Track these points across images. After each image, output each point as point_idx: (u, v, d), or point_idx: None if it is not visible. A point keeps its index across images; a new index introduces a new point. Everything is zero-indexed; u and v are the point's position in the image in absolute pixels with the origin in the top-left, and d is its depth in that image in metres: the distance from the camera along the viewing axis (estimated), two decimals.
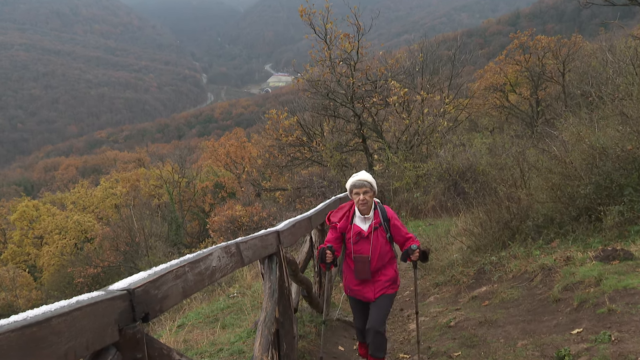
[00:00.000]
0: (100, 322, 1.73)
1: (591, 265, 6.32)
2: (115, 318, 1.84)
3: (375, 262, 4.67)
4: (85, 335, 1.63)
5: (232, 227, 22.64)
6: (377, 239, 4.66)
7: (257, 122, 37.00)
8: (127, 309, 1.91)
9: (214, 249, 3.06)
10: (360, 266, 4.67)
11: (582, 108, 12.85)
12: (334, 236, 4.78)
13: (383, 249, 4.69)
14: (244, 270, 11.82)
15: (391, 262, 4.79)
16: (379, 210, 4.76)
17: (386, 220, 4.73)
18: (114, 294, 1.87)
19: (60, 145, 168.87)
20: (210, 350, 6.11)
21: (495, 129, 28.37)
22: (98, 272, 29.71)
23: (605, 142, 7.90)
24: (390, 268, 4.77)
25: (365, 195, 4.66)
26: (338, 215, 4.82)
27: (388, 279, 4.73)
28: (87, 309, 1.66)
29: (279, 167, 25.13)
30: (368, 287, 4.73)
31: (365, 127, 22.41)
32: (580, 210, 7.81)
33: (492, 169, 13.72)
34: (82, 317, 1.62)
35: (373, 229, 4.68)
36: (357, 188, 4.68)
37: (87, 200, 45.35)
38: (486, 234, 8.94)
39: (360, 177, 4.72)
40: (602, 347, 4.43)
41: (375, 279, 4.70)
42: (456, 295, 7.81)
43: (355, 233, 4.70)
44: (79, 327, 1.60)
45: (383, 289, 4.71)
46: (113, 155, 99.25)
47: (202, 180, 44.26)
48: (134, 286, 1.99)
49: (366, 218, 4.72)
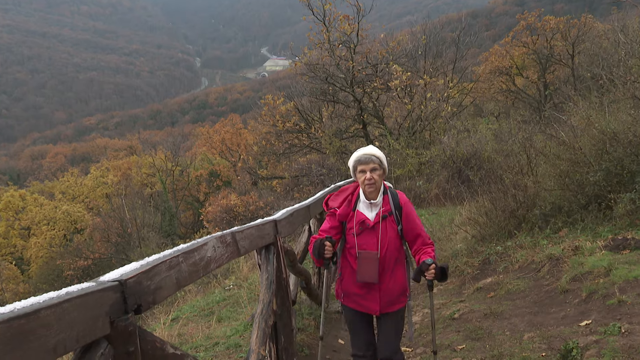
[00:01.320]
0: (90, 314, 1.73)
1: (601, 255, 6.34)
2: (107, 310, 1.83)
3: (385, 260, 3.78)
4: (76, 328, 1.63)
5: (228, 217, 22.66)
6: (385, 231, 3.79)
7: (254, 107, 36.85)
8: (118, 300, 1.91)
9: (209, 238, 3.06)
10: (366, 265, 3.76)
11: (592, 91, 12.84)
12: (332, 225, 3.91)
13: (393, 244, 3.80)
14: (240, 261, 11.84)
15: (401, 263, 3.89)
16: (390, 196, 3.91)
17: (398, 208, 3.87)
18: (105, 285, 1.87)
19: (47, 133, 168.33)
20: (206, 344, 6.13)
21: (501, 114, 28.30)
22: (89, 265, 29.81)
23: (617, 127, 7.89)
24: (400, 272, 3.88)
25: (373, 174, 3.79)
26: (338, 200, 3.96)
27: (399, 287, 3.85)
28: (77, 301, 1.66)
29: (276, 154, 25.09)
30: (372, 294, 3.81)
31: (365, 112, 22.36)
32: (590, 198, 7.82)
33: (497, 155, 13.72)
34: (72, 309, 1.62)
35: (381, 217, 3.80)
36: (362, 164, 3.84)
37: (77, 189, 45.37)
38: (491, 223, 8.96)
39: (366, 150, 3.89)
40: (611, 340, 4.45)
41: (382, 284, 3.80)
42: (460, 287, 7.84)
43: (359, 222, 3.82)
44: (69, 319, 1.60)
45: (392, 300, 3.84)
46: (103, 143, 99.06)
47: (197, 168, 44.28)
48: (126, 277, 1.99)
49: (373, 204, 3.84)
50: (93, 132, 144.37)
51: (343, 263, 3.96)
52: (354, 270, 3.84)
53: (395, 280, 3.83)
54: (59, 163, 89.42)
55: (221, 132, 44.02)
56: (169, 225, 36.48)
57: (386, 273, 3.80)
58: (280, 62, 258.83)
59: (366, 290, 3.83)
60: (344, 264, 3.95)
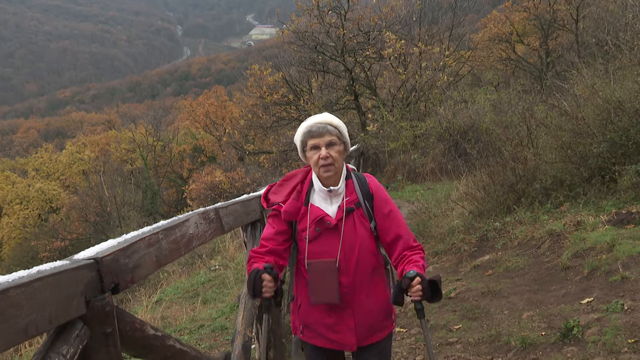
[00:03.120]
0: (64, 294, 1.71)
1: (603, 230, 6.39)
2: (82, 289, 1.82)
3: (352, 270, 2.77)
4: (48, 308, 1.61)
5: (213, 194, 22.67)
6: (353, 230, 2.80)
7: (239, 79, 36.57)
8: (94, 279, 1.90)
9: (191, 214, 3.05)
10: (320, 279, 2.78)
11: (597, 58, 12.80)
12: (277, 229, 2.88)
13: (365, 247, 2.81)
14: (226, 240, 11.87)
15: (380, 273, 2.91)
16: (355, 181, 2.92)
17: (368, 197, 2.87)
18: (80, 264, 1.85)
19: (18, 106, 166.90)
20: (190, 326, 6.17)
21: (500, 83, 28.28)
22: (66, 246, 29.78)
23: (622, 95, 7.89)
24: (380, 285, 2.90)
25: (330, 150, 2.80)
26: (283, 192, 2.95)
27: (380, 307, 2.88)
28: (50, 280, 1.64)
29: (264, 128, 24.98)
30: (344, 322, 2.82)
31: (357, 83, 22.26)
32: (593, 171, 7.86)
33: (496, 127, 13.74)
34: (44, 289, 1.60)
35: (345, 211, 2.81)
36: (314, 138, 2.84)
37: (51, 166, 45.00)
38: (489, 198, 8.99)
39: (319, 118, 2.90)
40: (613, 317, 4.50)
41: (357, 306, 2.82)
42: (457, 265, 7.89)
43: (315, 220, 2.80)
44: (41, 299, 1.58)
45: (373, 326, 2.87)
46: (79, 117, 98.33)
47: (179, 143, 44.14)
48: (102, 255, 1.97)
49: (332, 193, 2.84)
50: (68, 106, 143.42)
51: (298, 282, 2.95)
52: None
53: (374, 298, 2.84)
54: (32, 138, 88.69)
55: (205, 105, 43.78)
56: (151, 204, 36.45)
57: (360, 289, 2.81)
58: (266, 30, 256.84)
59: (335, 317, 2.82)
60: (300, 283, 2.93)
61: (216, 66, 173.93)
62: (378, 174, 17.80)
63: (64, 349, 1.69)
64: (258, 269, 2.67)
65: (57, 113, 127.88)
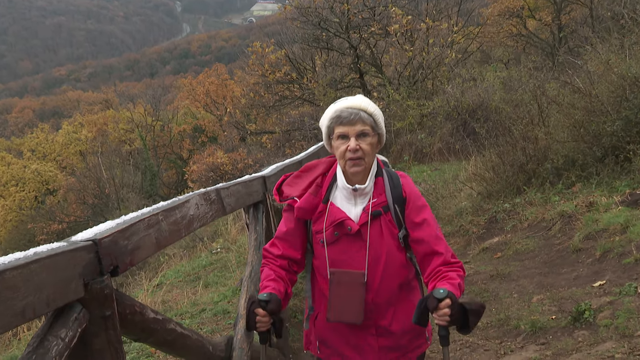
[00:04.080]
0: (62, 276, 1.72)
1: (617, 211, 6.38)
2: (80, 271, 1.82)
3: (376, 286, 2.44)
4: (45, 291, 1.61)
5: (214, 176, 22.67)
6: (378, 238, 2.44)
7: (240, 56, 36.43)
8: (92, 261, 1.90)
9: (192, 195, 3.05)
10: (343, 295, 2.44)
11: (612, 33, 12.66)
12: (288, 229, 2.57)
13: (393, 259, 2.45)
14: (228, 223, 11.89)
15: (413, 288, 2.58)
16: (387, 180, 2.52)
17: (399, 201, 2.48)
18: (78, 245, 1.85)
19: (12, 85, 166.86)
20: (192, 310, 6.20)
21: (510, 60, 28.08)
22: (63, 228, 29.92)
23: (638, 71, 7.82)
24: (408, 301, 2.52)
25: (361, 142, 2.40)
26: (300, 184, 2.57)
27: (407, 326, 2.49)
28: (47, 261, 1.64)
29: (266, 107, 24.91)
30: (367, 343, 2.51)
31: (362, 60, 22.13)
32: (606, 150, 7.82)
33: (506, 106, 13.67)
34: (41, 271, 1.60)
35: (371, 215, 2.44)
36: (343, 125, 2.42)
37: (48, 147, 45.00)
38: (499, 178, 8.98)
39: (351, 102, 2.46)
40: (626, 300, 4.50)
41: (382, 326, 2.49)
42: (465, 247, 7.91)
43: (334, 223, 2.45)
44: (38, 281, 1.58)
45: (400, 347, 2.53)
46: (76, 96, 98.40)
47: (179, 123, 44.09)
48: (101, 236, 1.98)
49: (358, 192, 2.47)
50: (64, 84, 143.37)
51: (315, 290, 2.63)
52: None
53: (402, 316, 2.49)
54: (27, 118, 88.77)
55: (205, 83, 43.69)
56: (150, 185, 36.53)
57: (386, 308, 2.48)
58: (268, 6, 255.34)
59: (356, 337, 2.50)
60: (317, 292, 2.61)
61: (216, 43, 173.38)
62: (383, 154, 17.72)
63: (63, 332, 1.70)
64: (253, 301, 2.38)
65: (53, 92, 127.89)
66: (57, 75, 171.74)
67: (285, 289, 2.49)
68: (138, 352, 4.96)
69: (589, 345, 4.15)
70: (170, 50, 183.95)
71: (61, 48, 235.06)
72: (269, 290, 2.40)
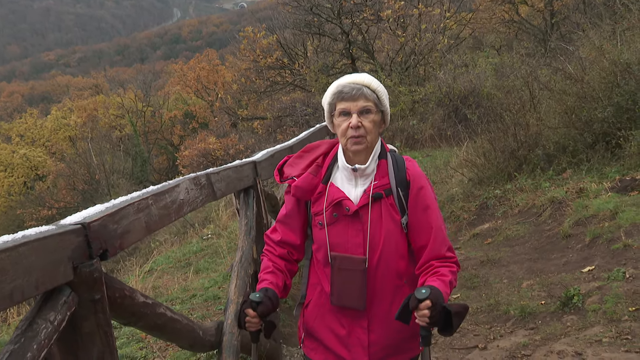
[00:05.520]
0: (50, 259, 1.71)
1: (607, 197, 6.42)
2: (69, 255, 1.82)
3: (378, 274, 2.31)
4: (34, 274, 1.61)
5: (205, 161, 22.65)
6: (377, 222, 2.30)
7: (232, 42, 36.25)
8: (81, 245, 1.89)
9: (182, 180, 3.04)
10: (345, 280, 2.32)
11: (604, 19, 12.69)
12: (287, 211, 2.49)
13: (393, 245, 2.31)
14: (220, 209, 11.90)
15: (409, 283, 2.36)
16: (391, 162, 2.38)
17: (403, 184, 2.34)
18: (66, 229, 1.84)
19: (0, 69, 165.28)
20: (182, 296, 6.20)
21: (502, 47, 28.04)
22: (53, 214, 29.81)
23: (630, 58, 7.85)
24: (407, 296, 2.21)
25: (364, 119, 2.28)
26: (300, 164, 2.46)
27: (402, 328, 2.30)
28: (35, 244, 1.64)
29: (257, 93, 24.87)
30: (356, 335, 2.36)
31: (354, 46, 22.08)
32: (597, 136, 7.87)
33: (498, 92, 13.69)
34: (30, 254, 1.60)
35: (372, 198, 2.29)
36: (345, 101, 2.30)
37: (37, 132, 44.63)
38: (490, 164, 9.01)
39: (353, 78, 2.35)
40: (615, 285, 4.55)
41: (375, 318, 2.35)
42: (456, 233, 7.95)
43: (332, 203, 2.33)
44: (26, 264, 1.58)
45: (392, 346, 2.38)
46: (65, 81, 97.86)
47: (170, 109, 43.86)
48: (90, 220, 1.97)
49: (358, 173, 2.34)
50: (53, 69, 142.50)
51: (310, 278, 2.51)
52: (326, 292, 2.39)
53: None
54: (16, 103, 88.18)
55: (196, 69, 43.46)
56: (141, 171, 36.43)
57: (381, 298, 2.33)
58: None
59: (346, 328, 2.36)
60: (313, 278, 2.49)
61: (208, 29, 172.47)
62: None
63: (52, 316, 1.70)
64: (245, 300, 2.32)
65: (42, 77, 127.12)
66: (45, 60, 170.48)
67: (284, 281, 2.42)
68: (128, 337, 4.97)
69: (577, 330, 4.19)
70: (161, 35, 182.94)
71: (50, 32, 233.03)
72: (266, 284, 2.34)
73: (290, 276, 2.49)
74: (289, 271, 2.48)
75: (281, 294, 2.40)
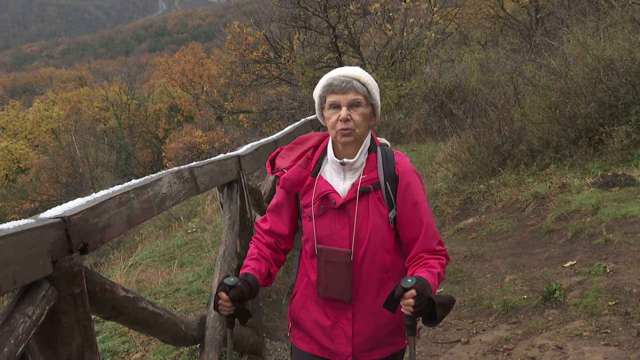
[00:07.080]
0: (29, 253, 1.70)
1: (589, 193, 6.49)
2: (48, 249, 1.81)
3: (363, 267, 2.34)
4: (12, 268, 1.60)
5: (191, 154, 22.61)
6: (364, 216, 2.32)
7: (217, 35, 36.15)
8: (61, 238, 1.88)
9: (164, 173, 3.02)
10: (330, 272, 2.35)
11: (588, 15, 12.77)
12: (277, 202, 2.53)
13: (379, 239, 2.33)
14: (205, 203, 11.87)
15: (395, 278, 2.37)
16: (380, 157, 2.40)
17: (391, 179, 2.35)
18: (46, 222, 1.83)
19: None
20: (166, 290, 6.18)
21: (488, 42, 28.17)
22: (36, 207, 29.58)
23: (613, 54, 7.92)
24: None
25: (353, 112, 2.30)
26: (290, 156, 2.50)
27: (387, 317, 2.32)
28: (13, 238, 1.63)
29: (243, 86, 24.76)
30: (341, 326, 2.39)
31: (340, 40, 22.04)
32: (580, 132, 7.94)
33: (483, 87, 13.74)
34: (7, 247, 1.59)
35: (359, 191, 2.32)
36: (335, 94, 2.32)
37: (19, 124, 44.22)
38: (474, 160, 9.06)
39: (344, 71, 2.37)
40: (595, 280, 4.60)
41: (361, 310, 2.38)
42: (440, 228, 7.98)
43: (319, 196, 2.37)
44: (3, 258, 1.57)
45: (376, 339, 2.40)
46: (48, 73, 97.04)
47: (155, 102, 43.67)
48: (70, 214, 1.96)
49: (346, 167, 2.37)
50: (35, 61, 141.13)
51: (299, 268, 2.57)
52: (312, 282, 2.43)
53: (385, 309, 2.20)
54: None
55: (181, 62, 43.29)
56: (125, 165, 36.21)
57: (366, 291, 2.36)
58: None
59: (331, 319, 2.39)
60: (301, 270, 2.55)
61: (193, 21, 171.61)
62: None
63: (30, 310, 1.69)
64: (220, 283, 2.31)
65: (24, 68, 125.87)
66: (28, 51, 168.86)
67: (268, 269, 2.43)
68: (111, 331, 4.95)
69: (559, 324, 4.23)
70: (146, 27, 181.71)
71: (32, 23, 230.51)
72: (248, 270, 2.36)
73: (277, 265, 2.51)
74: (275, 260, 2.50)
75: (264, 282, 2.42)
